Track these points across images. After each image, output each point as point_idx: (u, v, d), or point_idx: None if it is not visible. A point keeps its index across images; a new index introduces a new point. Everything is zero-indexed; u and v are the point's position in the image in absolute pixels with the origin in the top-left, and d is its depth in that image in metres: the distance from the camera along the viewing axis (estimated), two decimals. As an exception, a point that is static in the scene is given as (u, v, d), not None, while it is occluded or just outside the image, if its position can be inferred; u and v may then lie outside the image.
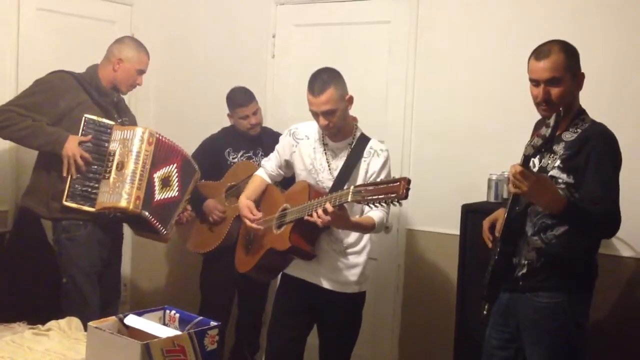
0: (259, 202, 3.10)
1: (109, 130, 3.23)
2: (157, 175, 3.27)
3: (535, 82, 2.44)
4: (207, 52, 4.46)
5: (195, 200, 3.80)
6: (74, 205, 3.14)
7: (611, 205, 2.33)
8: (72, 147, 3.12)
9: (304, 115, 3.03)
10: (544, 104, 2.42)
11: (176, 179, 3.35)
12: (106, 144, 3.21)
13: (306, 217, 2.69)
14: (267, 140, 3.71)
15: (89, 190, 3.17)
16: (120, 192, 3.15)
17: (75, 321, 2.80)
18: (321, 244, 2.89)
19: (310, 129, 3.01)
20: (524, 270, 2.48)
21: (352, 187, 2.57)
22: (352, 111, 3.16)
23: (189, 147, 3.92)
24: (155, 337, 2.06)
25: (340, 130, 2.90)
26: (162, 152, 3.30)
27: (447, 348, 3.41)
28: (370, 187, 2.50)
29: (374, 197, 2.46)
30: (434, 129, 3.70)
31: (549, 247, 2.42)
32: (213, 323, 2.15)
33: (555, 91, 2.39)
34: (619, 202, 2.36)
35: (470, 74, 3.59)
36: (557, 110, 2.36)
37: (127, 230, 3.57)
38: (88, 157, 3.15)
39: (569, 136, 2.42)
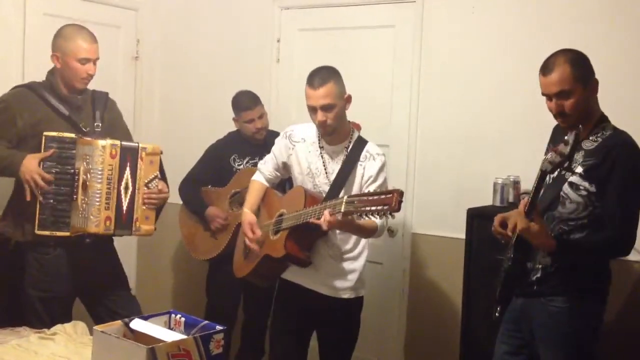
0: (258, 208, 3.09)
1: (73, 146, 2.97)
2: (122, 186, 3.04)
3: (547, 97, 2.44)
4: (211, 57, 4.46)
5: (198, 207, 3.82)
6: (46, 233, 2.95)
7: (622, 228, 2.35)
8: (30, 168, 2.88)
9: (309, 120, 3.02)
10: (559, 116, 2.42)
11: (130, 176, 3.06)
12: (72, 161, 2.97)
13: (312, 220, 2.66)
14: (273, 145, 3.71)
15: (61, 214, 2.96)
16: (88, 216, 2.95)
17: (81, 325, 2.81)
18: (318, 250, 2.88)
19: (307, 131, 2.98)
20: (539, 275, 2.48)
21: (345, 197, 2.55)
22: (357, 115, 3.16)
23: (193, 152, 3.94)
24: (160, 341, 2.06)
25: (337, 131, 2.87)
26: (125, 159, 3.04)
27: (453, 352, 3.40)
28: (364, 198, 2.48)
29: (366, 208, 2.44)
30: (439, 133, 3.69)
31: None
32: (219, 327, 2.15)
33: (567, 103, 2.38)
34: (635, 221, 2.38)
35: (475, 78, 3.58)
36: (573, 121, 2.36)
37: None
38: (49, 177, 2.91)
39: (589, 144, 2.41)
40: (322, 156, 2.93)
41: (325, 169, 2.91)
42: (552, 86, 2.39)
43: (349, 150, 2.89)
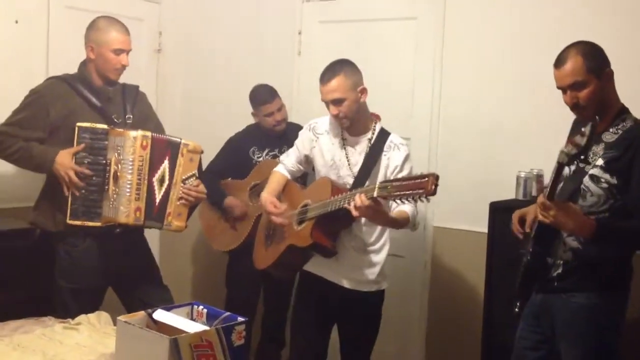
0: (279, 199, 3.09)
1: (105, 136, 3.00)
2: (156, 178, 3.05)
3: (562, 90, 2.43)
4: (233, 49, 4.47)
5: (217, 198, 3.82)
6: (78, 222, 2.98)
7: None
8: (64, 163, 2.93)
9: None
10: (575, 109, 2.41)
11: (167, 170, 3.07)
12: (104, 152, 3.00)
13: (344, 205, 2.59)
14: (292, 137, 3.68)
15: (93, 204, 2.98)
16: (118, 207, 2.98)
17: (104, 315, 2.83)
18: (341, 242, 2.87)
19: (330, 123, 2.98)
20: (560, 271, 2.45)
21: (378, 182, 2.53)
22: (379, 107, 3.14)
23: (215, 145, 3.95)
24: (183, 332, 2.07)
25: (354, 121, 2.86)
26: (159, 151, 3.05)
27: (474, 346, 3.38)
28: (397, 183, 2.44)
29: (400, 192, 2.41)
30: (461, 125, 3.67)
31: (586, 248, 2.39)
32: (240, 319, 2.16)
33: (581, 95, 2.38)
34: None
35: (498, 69, 3.55)
36: (589, 113, 2.35)
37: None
38: (84, 171, 2.95)
39: (609, 137, 2.39)
40: (345, 148, 2.92)
41: (348, 161, 2.90)
42: (565, 78, 2.39)
43: (372, 142, 2.88)
